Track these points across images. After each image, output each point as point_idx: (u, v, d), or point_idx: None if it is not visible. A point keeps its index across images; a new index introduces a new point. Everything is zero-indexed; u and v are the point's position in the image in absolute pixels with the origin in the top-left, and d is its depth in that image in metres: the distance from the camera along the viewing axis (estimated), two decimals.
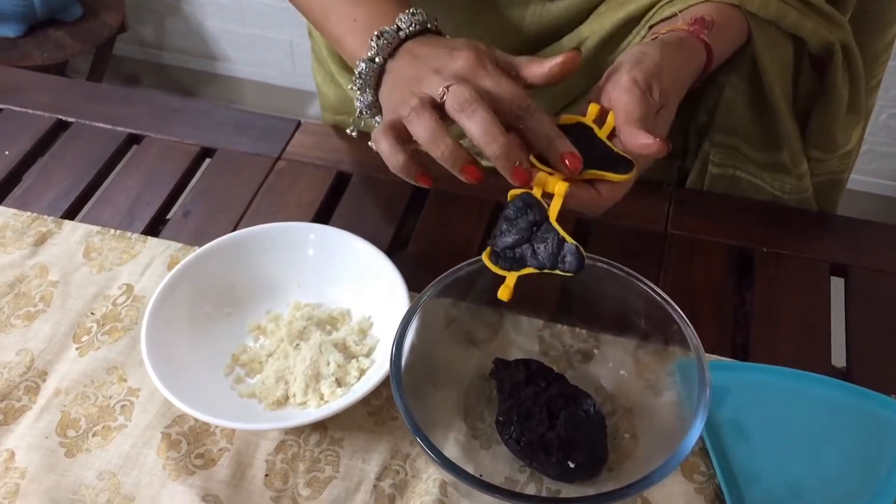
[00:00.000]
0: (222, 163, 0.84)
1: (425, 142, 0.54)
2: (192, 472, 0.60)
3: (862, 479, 0.59)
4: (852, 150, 0.81)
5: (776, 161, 0.78)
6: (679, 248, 0.75)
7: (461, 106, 0.54)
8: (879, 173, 1.99)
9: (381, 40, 0.61)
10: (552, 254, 0.53)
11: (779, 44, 0.71)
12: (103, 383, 0.65)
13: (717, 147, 0.78)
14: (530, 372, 0.61)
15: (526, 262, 0.54)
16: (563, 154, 0.54)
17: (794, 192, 0.80)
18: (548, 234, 0.53)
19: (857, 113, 0.78)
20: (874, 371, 0.66)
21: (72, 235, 0.76)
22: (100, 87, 0.97)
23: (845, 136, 0.79)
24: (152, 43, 2.40)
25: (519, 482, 0.59)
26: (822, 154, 0.79)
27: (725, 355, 0.67)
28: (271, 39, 2.25)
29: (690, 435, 0.52)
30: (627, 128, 0.56)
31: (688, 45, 0.64)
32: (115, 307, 0.70)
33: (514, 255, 0.54)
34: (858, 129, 0.80)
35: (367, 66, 0.61)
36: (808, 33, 0.70)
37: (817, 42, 0.71)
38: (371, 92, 0.62)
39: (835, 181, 0.83)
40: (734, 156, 0.79)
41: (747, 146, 0.78)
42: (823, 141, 0.78)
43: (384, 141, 0.56)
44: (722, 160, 0.79)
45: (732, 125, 0.77)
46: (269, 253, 0.69)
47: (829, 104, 0.75)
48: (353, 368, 0.63)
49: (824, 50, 0.72)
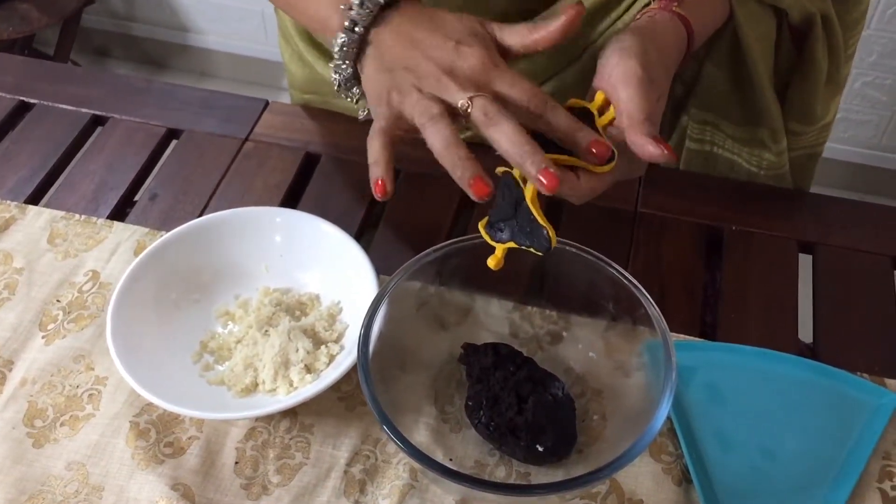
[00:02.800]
0: (189, 144, 0.82)
1: (439, 151, 0.53)
2: (162, 461, 0.59)
3: (828, 457, 0.60)
4: (829, 122, 0.81)
5: (754, 136, 0.78)
6: (649, 227, 0.75)
7: (489, 120, 0.53)
8: (854, 141, 2.00)
9: (362, 8, 0.57)
10: (528, 232, 0.55)
11: (760, 17, 0.70)
12: (70, 372, 0.64)
13: (696, 122, 0.78)
14: (499, 356, 0.61)
15: (510, 236, 0.56)
16: (590, 144, 0.53)
17: (772, 168, 0.80)
18: (523, 213, 0.55)
19: (836, 84, 0.77)
20: (841, 348, 0.67)
21: (36, 221, 0.75)
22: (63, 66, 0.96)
23: (824, 109, 0.78)
24: (122, 14, 2.35)
25: (489, 465, 0.59)
26: (801, 127, 0.79)
27: (695, 334, 0.67)
28: (243, 10, 2.22)
29: (657, 418, 0.52)
30: (634, 134, 0.54)
31: (662, 23, 0.62)
32: (81, 294, 0.69)
33: (502, 229, 0.56)
34: (836, 102, 0.80)
35: (348, 37, 0.58)
36: (789, 4, 0.69)
37: (798, 13, 0.70)
38: (350, 64, 0.60)
39: (811, 155, 0.83)
40: (712, 131, 0.79)
41: (726, 122, 0.78)
42: (803, 114, 0.77)
43: (377, 141, 0.56)
44: (700, 136, 0.79)
45: (712, 100, 0.76)
46: (236, 238, 0.68)
47: (809, 76, 0.74)
48: (322, 355, 0.63)
49: (805, 21, 0.71)
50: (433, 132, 0.53)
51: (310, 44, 0.86)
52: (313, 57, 0.85)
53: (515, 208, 0.55)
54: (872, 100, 1.91)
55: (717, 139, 0.79)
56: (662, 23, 0.62)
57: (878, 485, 0.59)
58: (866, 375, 0.64)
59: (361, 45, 0.59)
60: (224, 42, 2.32)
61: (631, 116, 0.55)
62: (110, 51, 2.46)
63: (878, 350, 0.67)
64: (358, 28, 0.58)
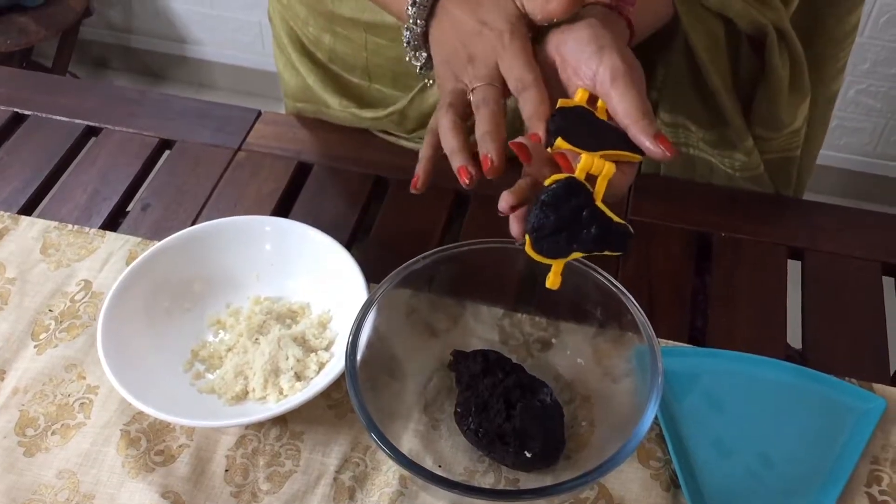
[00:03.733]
0: (181, 154, 0.83)
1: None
2: (152, 470, 0.60)
3: (817, 461, 0.60)
4: (799, 128, 0.81)
5: (722, 137, 0.78)
6: (639, 234, 0.75)
7: (476, 108, 0.58)
8: (849, 148, 2.01)
9: (417, 6, 0.61)
10: (600, 236, 0.53)
11: (706, 20, 0.70)
12: (62, 381, 0.65)
13: (667, 125, 0.79)
14: (488, 362, 0.61)
15: (572, 247, 0.53)
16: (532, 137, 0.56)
17: (746, 169, 0.80)
18: (594, 217, 0.53)
19: (800, 93, 0.77)
20: (829, 354, 0.67)
21: (29, 231, 0.75)
22: (57, 78, 0.96)
23: (790, 116, 0.78)
24: (120, 26, 2.37)
25: (478, 472, 0.59)
26: (767, 133, 0.79)
27: (684, 340, 0.68)
28: (240, 21, 2.23)
29: (643, 422, 0.52)
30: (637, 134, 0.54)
31: (612, 20, 0.61)
32: (73, 304, 0.69)
33: (559, 242, 0.53)
34: (804, 109, 0.80)
35: (411, 33, 0.63)
36: (736, 14, 0.69)
37: (747, 24, 0.70)
38: (423, 51, 0.64)
39: (786, 159, 0.83)
40: (685, 133, 0.79)
41: (694, 124, 0.78)
42: (768, 120, 0.78)
43: (445, 122, 0.58)
44: (674, 138, 0.79)
45: (678, 103, 0.77)
46: (227, 247, 0.69)
47: (770, 85, 0.75)
48: (312, 362, 0.63)
49: (757, 31, 0.71)
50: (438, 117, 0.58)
51: (302, 53, 0.86)
52: (305, 67, 0.86)
53: (576, 214, 0.53)
54: (867, 107, 1.92)
55: (691, 140, 0.80)
56: (612, 18, 0.61)
57: (867, 489, 0.59)
58: (854, 380, 0.64)
59: (425, 35, 0.63)
60: (222, 53, 2.33)
61: (629, 115, 0.54)
62: (109, 62, 2.47)
63: (867, 355, 0.67)
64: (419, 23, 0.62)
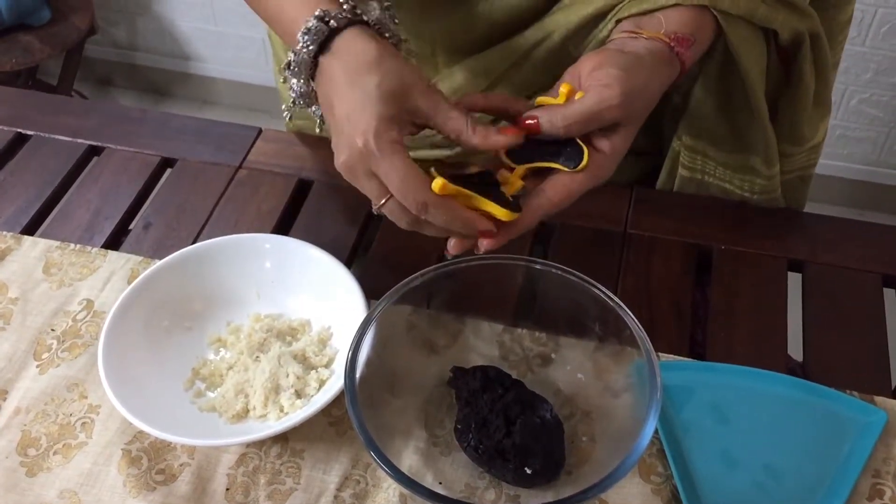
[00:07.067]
0: (183, 173, 0.83)
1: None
2: (153, 489, 0.60)
3: (818, 475, 0.60)
4: (818, 144, 0.82)
5: (744, 163, 0.78)
6: (638, 247, 0.76)
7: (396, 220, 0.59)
8: (852, 158, 2.01)
9: (309, 34, 0.58)
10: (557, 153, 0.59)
11: (752, 40, 0.71)
12: (64, 401, 0.65)
13: (687, 150, 0.79)
14: (488, 379, 0.61)
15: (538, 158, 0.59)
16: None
17: (764, 192, 0.80)
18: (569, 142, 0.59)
19: (824, 106, 0.78)
20: (830, 367, 0.67)
21: (31, 251, 0.75)
22: (60, 98, 0.97)
23: (811, 130, 0.79)
24: (124, 44, 2.38)
25: (479, 489, 0.59)
26: (790, 148, 0.79)
27: (684, 354, 0.68)
28: (244, 38, 2.24)
29: (642, 437, 0.52)
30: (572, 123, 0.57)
31: (668, 59, 0.63)
32: (75, 323, 0.70)
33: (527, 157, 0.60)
34: (824, 126, 0.80)
35: (299, 58, 0.59)
36: (780, 24, 0.70)
37: (788, 32, 0.70)
38: (304, 81, 0.60)
39: (802, 178, 0.83)
40: (703, 160, 0.79)
41: (714, 148, 0.78)
42: (791, 134, 0.78)
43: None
44: (691, 163, 0.79)
45: (700, 127, 0.77)
46: (227, 265, 0.69)
47: (797, 97, 0.74)
48: (312, 380, 0.63)
49: (793, 40, 0.71)
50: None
51: None
52: None
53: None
54: (869, 116, 1.92)
55: (708, 167, 0.79)
56: (668, 57, 0.63)
57: (868, 503, 0.59)
58: (856, 393, 0.64)
59: (313, 67, 0.59)
60: (225, 70, 2.34)
61: (566, 117, 0.57)
62: (113, 80, 2.48)
63: (868, 368, 0.67)
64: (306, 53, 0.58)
